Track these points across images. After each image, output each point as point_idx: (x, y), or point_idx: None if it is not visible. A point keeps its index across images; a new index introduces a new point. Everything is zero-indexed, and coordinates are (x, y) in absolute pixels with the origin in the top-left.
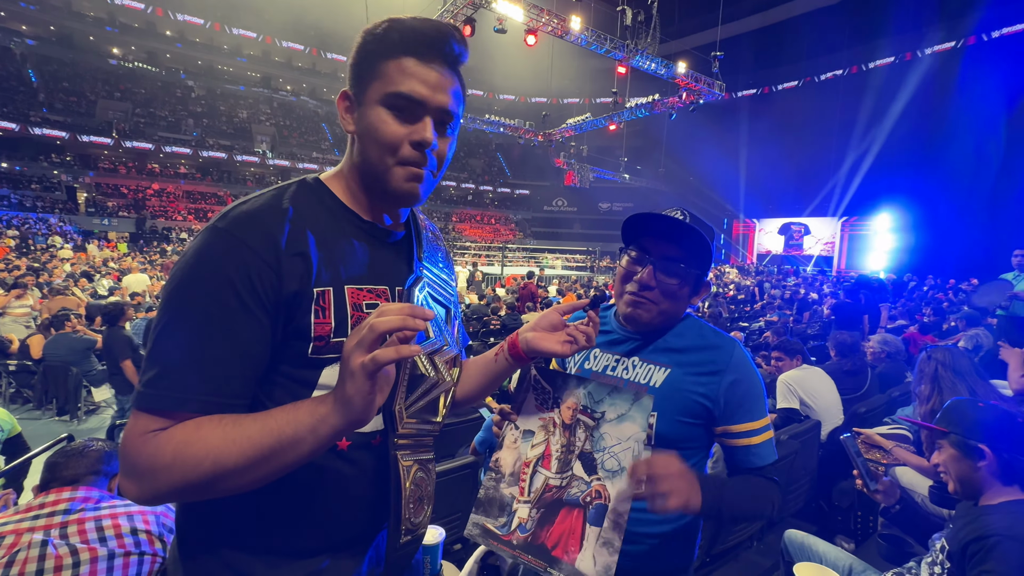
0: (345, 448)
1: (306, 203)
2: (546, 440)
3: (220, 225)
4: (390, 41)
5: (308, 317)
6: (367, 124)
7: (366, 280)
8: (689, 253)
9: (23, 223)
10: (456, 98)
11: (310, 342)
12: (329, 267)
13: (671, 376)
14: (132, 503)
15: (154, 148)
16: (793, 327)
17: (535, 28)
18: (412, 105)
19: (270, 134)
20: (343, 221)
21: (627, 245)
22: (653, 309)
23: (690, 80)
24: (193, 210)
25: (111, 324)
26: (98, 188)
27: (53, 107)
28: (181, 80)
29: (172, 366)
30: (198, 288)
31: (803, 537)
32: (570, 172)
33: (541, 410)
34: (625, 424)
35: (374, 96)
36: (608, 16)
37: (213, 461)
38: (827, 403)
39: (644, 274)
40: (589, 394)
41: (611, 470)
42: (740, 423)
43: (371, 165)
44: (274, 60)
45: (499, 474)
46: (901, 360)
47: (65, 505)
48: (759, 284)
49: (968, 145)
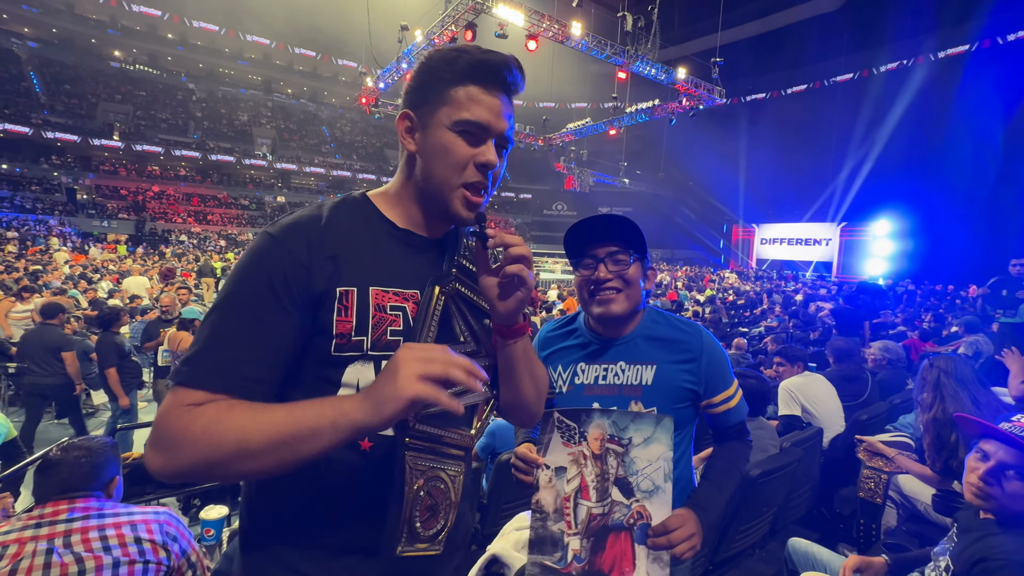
0: (368, 448)
1: (345, 213)
2: (579, 473)
3: (270, 231)
4: (459, 69)
5: (331, 315)
6: (435, 146)
7: (394, 283)
8: (626, 240)
9: (23, 225)
10: (511, 123)
11: (332, 339)
12: (355, 269)
13: (658, 372)
14: (134, 511)
15: (164, 152)
16: (793, 333)
17: (536, 34)
18: (479, 131)
19: (271, 137)
20: (378, 229)
21: (575, 259)
22: (620, 299)
23: (690, 86)
24: (193, 212)
25: (105, 328)
26: (98, 190)
27: (54, 109)
28: (182, 83)
29: (208, 346)
30: (241, 281)
31: (807, 546)
32: (570, 176)
33: (569, 446)
34: (652, 446)
35: (443, 120)
36: (609, 22)
37: (236, 441)
38: (829, 410)
39: (599, 271)
40: (614, 423)
41: (647, 490)
42: (720, 393)
43: (436, 185)
44: (275, 63)
45: (543, 513)
46: (902, 367)
47: (65, 515)
48: (768, 291)
49: (967, 151)
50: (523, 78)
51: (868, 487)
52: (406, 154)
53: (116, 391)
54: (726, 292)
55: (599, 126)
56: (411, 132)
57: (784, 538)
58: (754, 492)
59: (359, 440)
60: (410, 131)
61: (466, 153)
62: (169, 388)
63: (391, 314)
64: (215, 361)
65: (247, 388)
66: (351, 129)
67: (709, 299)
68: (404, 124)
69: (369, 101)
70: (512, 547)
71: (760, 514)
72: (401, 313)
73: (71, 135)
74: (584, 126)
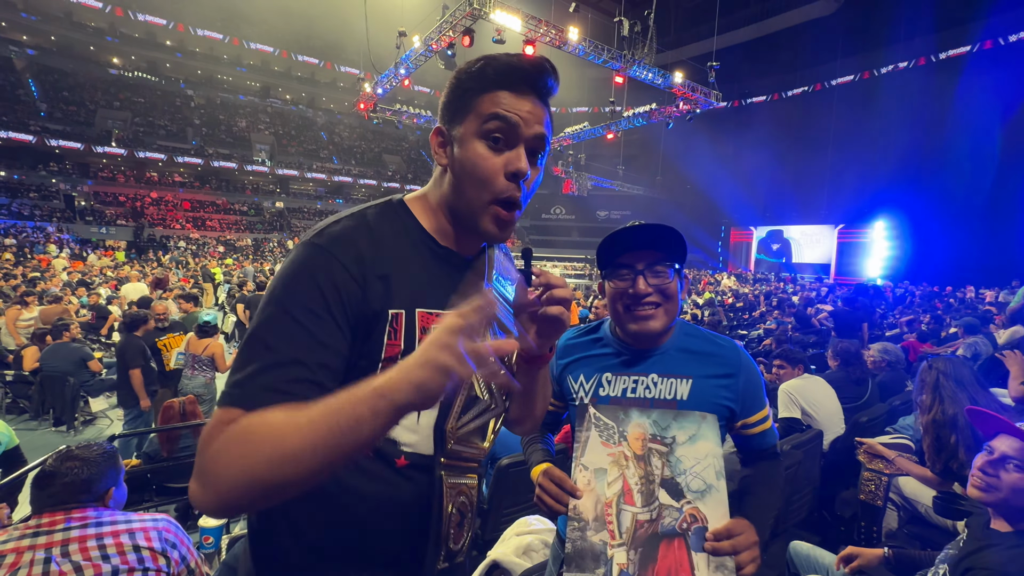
0: (404, 465)
1: (390, 226)
2: (621, 475)
3: (317, 241)
4: (485, 77)
5: (382, 338)
6: (463, 159)
7: (438, 305)
8: (667, 249)
9: (20, 232)
10: (548, 128)
11: (379, 364)
12: (404, 290)
13: (695, 387)
14: (132, 519)
15: (166, 159)
16: (792, 335)
17: (533, 39)
18: (506, 130)
19: (269, 143)
20: (421, 245)
21: (607, 269)
22: (660, 314)
23: (687, 90)
24: (191, 218)
25: (130, 331)
26: (96, 196)
27: (53, 117)
28: (181, 89)
29: (258, 368)
30: (289, 294)
31: (809, 548)
32: (568, 180)
33: (608, 446)
34: (699, 443)
35: (469, 130)
36: (605, 27)
37: (273, 444)
38: (828, 412)
39: (638, 284)
40: (655, 422)
41: (698, 490)
42: (756, 413)
43: (466, 201)
44: (274, 69)
45: (582, 522)
46: (901, 369)
47: (63, 524)
48: (767, 294)
49: (965, 153)
50: (556, 80)
51: (869, 489)
52: (439, 170)
53: (139, 393)
54: (724, 295)
55: (596, 130)
56: (443, 147)
57: (785, 541)
58: None
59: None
60: (442, 146)
61: (495, 163)
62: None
63: None
64: (267, 381)
65: (295, 396)
66: (349, 135)
67: (708, 302)
68: (437, 139)
69: (367, 107)
70: (513, 553)
71: None
72: None
73: (72, 142)
74: (582, 130)
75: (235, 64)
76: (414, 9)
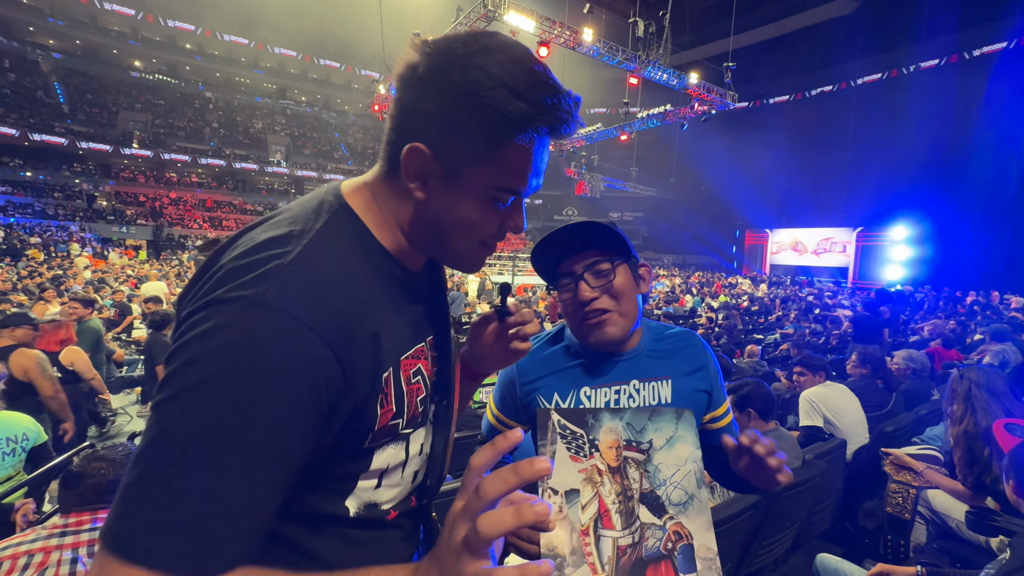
0: (395, 517)
1: (351, 254)
2: (595, 494)
3: (269, 298)
4: (521, 124)
5: (374, 409)
6: (460, 212)
7: (411, 342)
8: (601, 244)
9: (45, 230)
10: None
11: (370, 433)
12: (388, 342)
13: (674, 385)
14: None
15: (190, 160)
16: (810, 340)
17: (547, 40)
18: (516, 197)
19: (285, 144)
20: (386, 274)
21: (550, 281)
22: (615, 318)
23: (702, 91)
24: (208, 218)
25: (157, 329)
26: (117, 196)
27: (77, 119)
28: (199, 92)
29: (183, 511)
30: (241, 402)
31: (837, 562)
32: (581, 182)
33: (577, 460)
34: (678, 446)
35: (478, 182)
36: (620, 28)
37: None
38: (852, 421)
39: (581, 291)
40: (628, 425)
41: (680, 503)
42: (722, 404)
43: (451, 247)
44: (290, 72)
45: (558, 558)
46: (926, 377)
47: (89, 524)
48: (784, 299)
49: (990, 154)
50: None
51: (896, 502)
52: (403, 191)
53: None
54: (739, 298)
55: (610, 131)
56: (422, 176)
57: (807, 553)
58: (777, 506)
59: (385, 516)
60: (421, 174)
61: (496, 220)
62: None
63: (415, 382)
64: (199, 536)
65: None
66: (363, 136)
67: (723, 305)
68: (418, 163)
69: (382, 108)
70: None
71: (783, 528)
72: (421, 377)
73: (100, 144)
74: (595, 132)
75: (252, 66)
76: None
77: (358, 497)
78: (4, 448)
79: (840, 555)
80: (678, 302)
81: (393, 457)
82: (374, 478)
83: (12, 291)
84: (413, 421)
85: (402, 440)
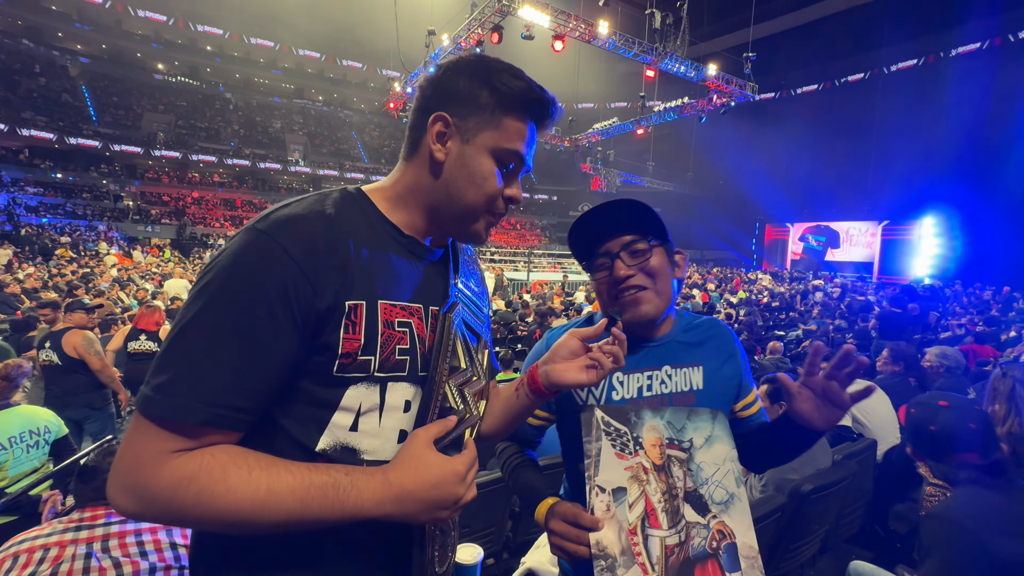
0: None
1: (348, 211)
2: (642, 492)
3: (260, 227)
4: (518, 98)
5: (337, 332)
6: (472, 168)
7: (400, 296)
8: (639, 225)
9: (75, 230)
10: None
11: (336, 359)
12: (365, 279)
13: (706, 371)
14: None
15: (217, 160)
16: (833, 336)
17: (562, 34)
18: (517, 165)
19: (303, 143)
20: (383, 233)
21: (586, 262)
22: (649, 296)
23: (721, 82)
24: (230, 216)
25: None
26: (142, 196)
27: (103, 121)
28: (220, 93)
29: (185, 371)
30: (227, 292)
31: (872, 570)
32: (596, 177)
33: (623, 457)
34: (716, 446)
35: (486, 143)
36: (636, 20)
37: (235, 520)
38: (882, 420)
39: (617, 268)
40: (669, 423)
41: (722, 501)
42: (751, 392)
43: (463, 206)
44: (307, 72)
45: (609, 558)
46: (960, 374)
47: (104, 519)
48: (803, 293)
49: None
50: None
51: (932, 505)
52: (424, 159)
53: None
54: (760, 294)
55: (626, 126)
56: (443, 138)
57: (836, 556)
58: (806, 508)
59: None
60: (442, 137)
61: (499, 184)
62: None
63: (399, 331)
64: (199, 389)
65: (235, 420)
66: (379, 134)
67: (743, 301)
68: (438, 127)
69: (397, 106)
70: (548, 561)
71: (812, 531)
72: (408, 330)
73: (131, 147)
74: (611, 126)
75: (271, 67)
76: (443, 7)
77: (332, 434)
78: (28, 441)
79: (869, 559)
80: (695, 299)
81: (366, 397)
82: (348, 415)
83: (43, 288)
84: (389, 367)
85: (376, 383)
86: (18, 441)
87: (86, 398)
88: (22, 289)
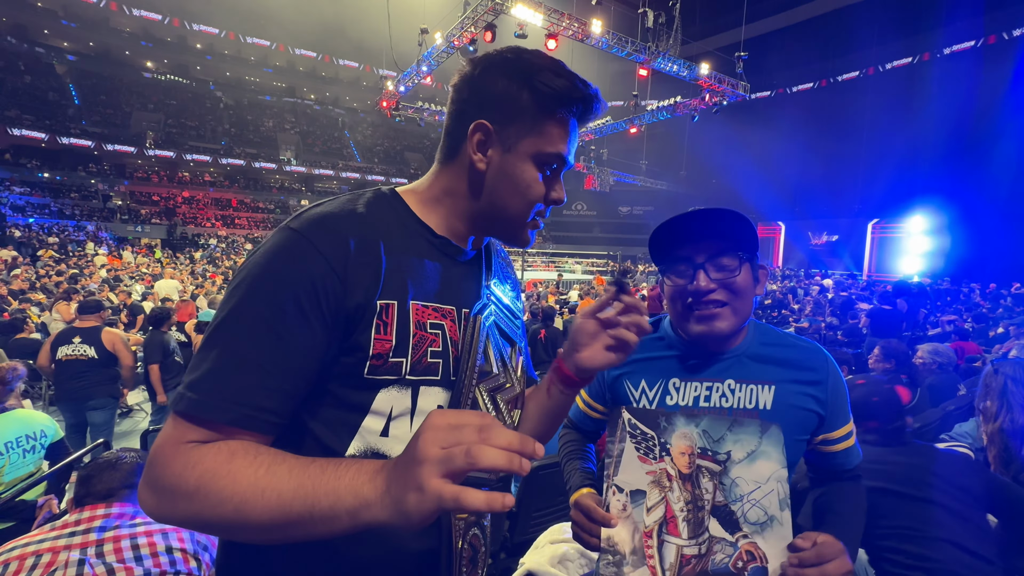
0: None
1: (380, 210)
2: (663, 499)
3: (293, 225)
4: (565, 100)
5: (368, 332)
6: (516, 176)
7: (433, 297)
8: (731, 238)
9: (63, 230)
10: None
11: (367, 360)
12: (396, 279)
13: (778, 393)
14: None
15: (210, 160)
16: (826, 334)
17: (555, 33)
18: (559, 164)
19: (294, 142)
20: (415, 234)
21: (663, 263)
22: (726, 314)
23: (713, 81)
24: (220, 216)
25: (155, 327)
26: (132, 196)
27: (92, 120)
28: (210, 91)
29: (218, 369)
30: (257, 290)
31: None
32: (590, 176)
33: (646, 461)
34: (760, 462)
35: (528, 149)
36: (629, 19)
37: (236, 508)
38: None
39: (699, 280)
40: (705, 432)
41: (757, 522)
42: (841, 427)
43: (506, 213)
44: (298, 70)
45: (617, 555)
46: (951, 371)
47: (100, 522)
48: (792, 290)
49: (1011, 142)
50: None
51: None
52: (464, 167)
53: (156, 388)
54: None
55: (619, 124)
56: (484, 147)
57: None
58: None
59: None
60: (483, 145)
61: (542, 189)
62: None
63: (431, 333)
64: (226, 388)
65: (261, 421)
66: (371, 132)
67: None
68: (479, 136)
69: (390, 105)
70: (547, 562)
71: None
72: (440, 332)
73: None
74: (604, 125)
75: (261, 65)
76: (436, 6)
77: (363, 439)
78: (24, 446)
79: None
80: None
81: (398, 401)
82: (380, 420)
83: (31, 290)
84: (421, 369)
85: (408, 386)
86: (14, 446)
87: (109, 388)
88: (8, 291)
